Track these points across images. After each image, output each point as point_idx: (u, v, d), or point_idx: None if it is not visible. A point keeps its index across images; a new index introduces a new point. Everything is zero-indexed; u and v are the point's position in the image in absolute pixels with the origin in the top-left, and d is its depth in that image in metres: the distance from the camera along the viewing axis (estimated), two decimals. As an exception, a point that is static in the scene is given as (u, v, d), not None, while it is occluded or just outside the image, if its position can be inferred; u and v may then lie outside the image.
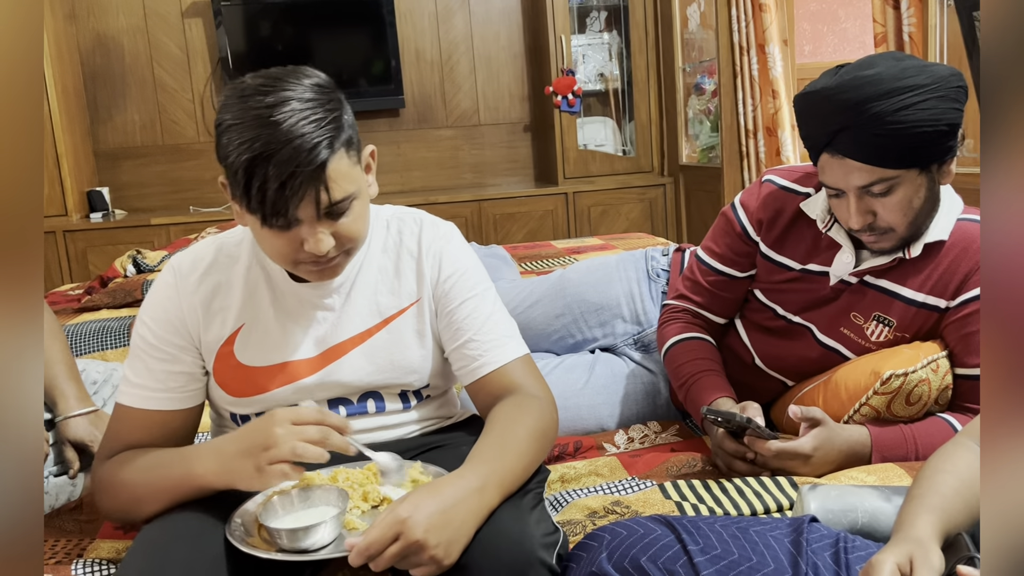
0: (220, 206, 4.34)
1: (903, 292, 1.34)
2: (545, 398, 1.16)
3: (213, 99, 4.35)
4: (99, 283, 2.63)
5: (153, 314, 1.15)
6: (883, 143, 1.20)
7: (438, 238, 1.20)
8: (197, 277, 1.16)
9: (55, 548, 1.25)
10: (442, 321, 1.20)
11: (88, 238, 3.97)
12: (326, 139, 0.98)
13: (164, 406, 1.14)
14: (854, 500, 1.06)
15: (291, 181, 0.96)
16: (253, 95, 0.98)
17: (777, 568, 0.91)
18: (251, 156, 0.96)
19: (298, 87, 1.00)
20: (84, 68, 4.25)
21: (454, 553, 0.92)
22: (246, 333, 1.16)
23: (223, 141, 0.99)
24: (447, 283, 1.19)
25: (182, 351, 1.15)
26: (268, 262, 1.16)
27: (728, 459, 1.32)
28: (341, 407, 1.20)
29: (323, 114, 0.99)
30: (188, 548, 0.97)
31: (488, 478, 0.98)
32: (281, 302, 1.16)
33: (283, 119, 0.96)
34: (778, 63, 3.50)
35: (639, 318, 1.82)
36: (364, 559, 0.90)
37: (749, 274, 1.53)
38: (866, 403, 1.30)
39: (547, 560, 0.96)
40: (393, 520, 0.90)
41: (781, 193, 1.46)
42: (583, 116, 4.47)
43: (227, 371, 1.16)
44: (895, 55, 1.25)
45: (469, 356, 1.17)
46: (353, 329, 1.17)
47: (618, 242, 3.05)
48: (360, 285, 1.18)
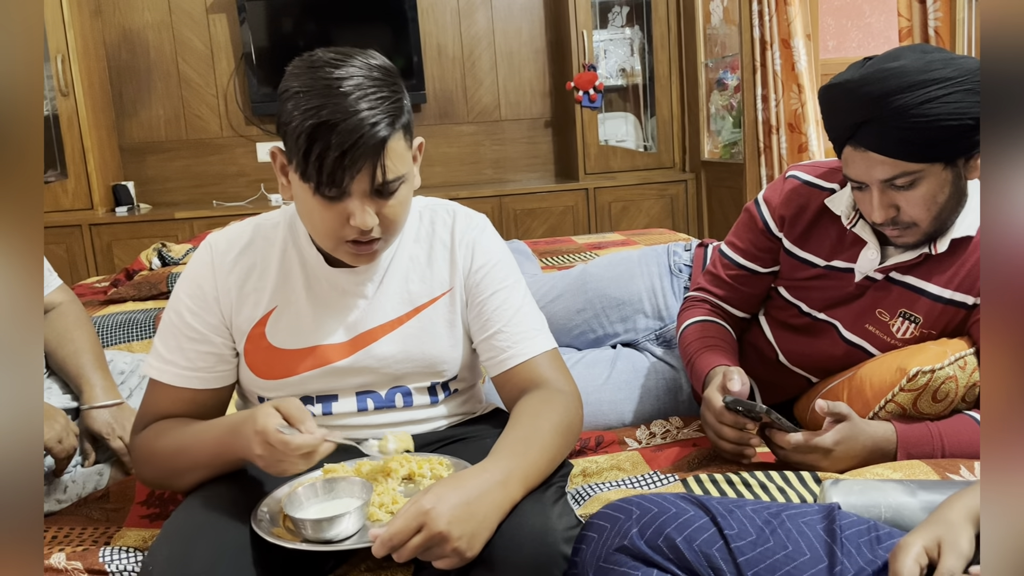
0: (243, 200, 4.38)
1: (929, 288, 1.33)
2: (571, 393, 1.16)
3: (236, 95, 4.38)
4: (125, 276, 2.66)
5: (188, 291, 1.17)
6: (907, 136, 1.19)
7: (471, 228, 1.22)
8: (233, 257, 1.17)
9: (83, 536, 1.27)
10: (472, 311, 1.20)
11: (113, 231, 4.01)
12: (388, 117, 1.01)
13: (193, 385, 1.16)
14: (877, 495, 1.06)
15: (351, 151, 0.99)
16: (323, 66, 1.01)
17: (813, 557, 0.90)
18: (316, 122, 0.98)
19: (366, 65, 1.03)
20: (110, 63, 4.30)
21: (476, 545, 0.92)
22: (278, 315, 1.17)
23: (288, 107, 1.01)
24: (479, 273, 1.20)
25: (214, 331, 1.16)
26: (305, 246, 1.17)
27: (718, 428, 1.30)
28: (369, 400, 1.20)
29: (388, 93, 1.02)
30: (214, 537, 0.98)
31: (512, 472, 0.98)
32: (315, 286, 1.17)
33: (350, 91, 0.99)
34: (803, 57, 3.47)
35: (661, 313, 1.82)
36: (387, 550, 0.91)
37: (771, 270, 1.52)
38: (892, 400, 1.29)
39: (565, 552, 0.96)
40: (416, 511, 0.90)
41: (805, 189, 1.45)
42: (604, 112, 4.45)
43: (258, 353, 1.17)
44: (922, 47, 1.23)
45: (497, 347, 1.18)
46: (384, 316, 1.18)
47: (639, 238, 3.04)
48: (393, 273, 1.19)
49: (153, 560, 0.97)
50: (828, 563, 0.89)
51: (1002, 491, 0.69)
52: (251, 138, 4.44)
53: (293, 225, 1.19)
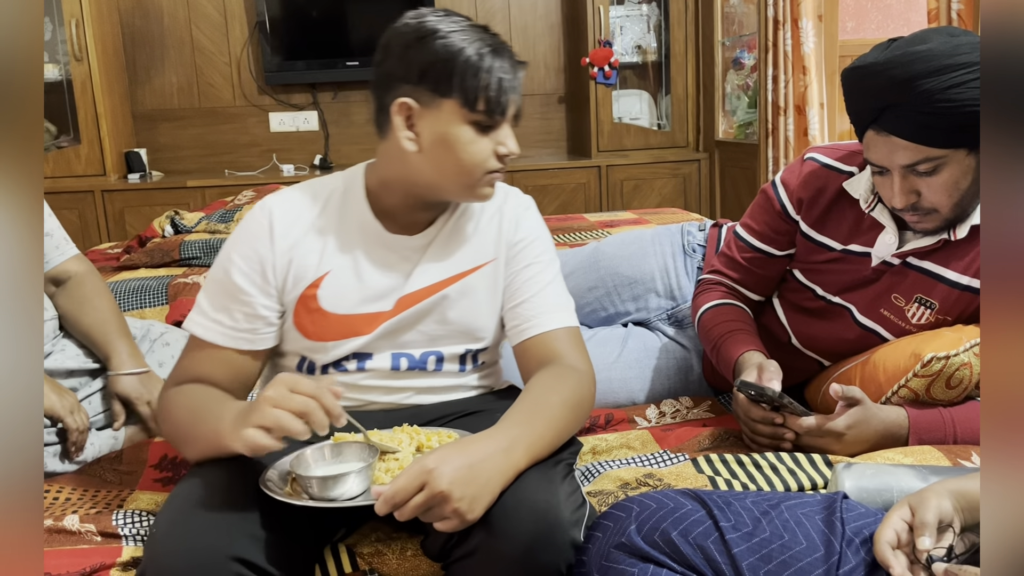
0: (255, 170, 4.37)
1: (947, 274, 1.32)
2: (585, 371, 1.18)
3: (250, 64, 4.36)
4: (138, 242, 2.67)
5: (241, 251, 1.17)
6: (931, 121, 1.17)
7: (519, 205, 1.28)
8: (291, 220, 1.18)
9: (96, 498, 1.29)
10: (506, 280, 1.25)
11: (125, 198, 4.01)
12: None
13: (237, 345, 1.17)
14: (889, 479, 1.06)
15: (513, 78, 1.12)
16: (454, 14, 1.14)
17: (809, 546, 0.91)
18: (491, 48, 1.10)
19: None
20: (124, 30, 4.28)
21: (478, 509, 0.93)
22: (332, 279, 1.18)
23: (448, 40, 1.09)
24: (519, 245, 1.25)
25: (262, 293, 1.17)
26: (363, 210, 1.20)
27: (752, 424, 1.32)
28: (403, 359, 1.22)
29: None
30: (215, 504, 0.99)
31: (517, 440, 1.00)
32: (370, 251, 1.20)
33: (492, 31, 1.14)
34: (810, 38, 3.42)
35: (673, 293, 1.81)
36: (390, 507, 0.92)
37: (787, 253, 1.51)
38: (905, 385, 1.29)
39: (575, 537, 0.97)
40: (419, 470, 0.92)
41: (823, 171, 1.44)
42: (619, 89, 4.42)
43: (307, 315, 1.19)
44: (949, 30, 1.22)
45: (521, 316, 1.22)
46: (430, 279, 1.21)
47: (652, 216, 3.03)
48: (443, 239, 1.23)
49: (157, 524, 0.98)
50: (825, 552, 0.90)
51: (1002, 478, 0.69)
52: (264, 108, 4.42)
53: (351, 189, 1.22)
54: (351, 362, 1.21)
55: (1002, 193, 0.74)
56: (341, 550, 1.11)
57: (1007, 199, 0.74)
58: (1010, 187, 0.74)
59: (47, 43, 3.93)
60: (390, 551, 1.11)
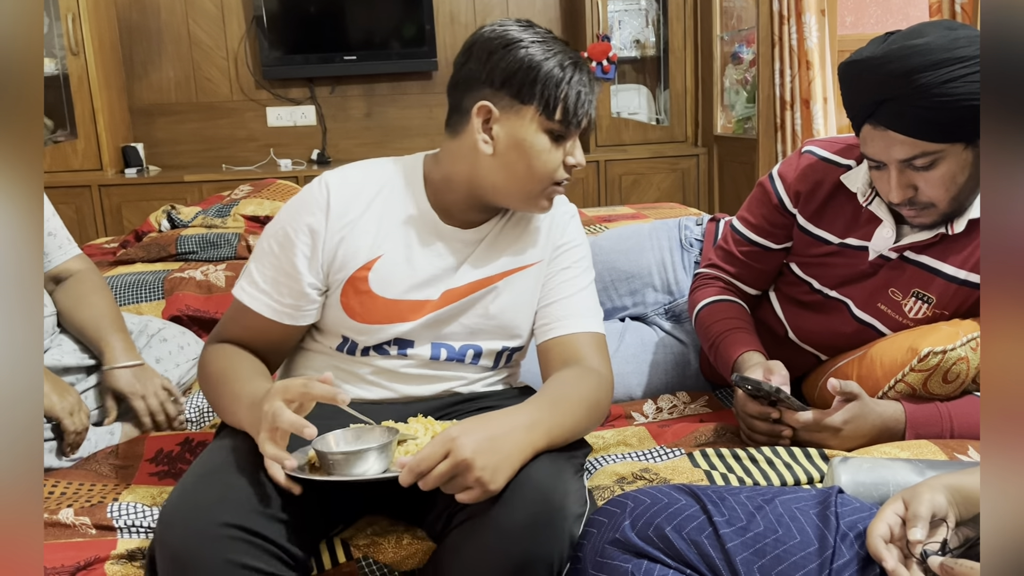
0: (253, 165, 4.36)
1: (944, 269, 1.32)
2: (606, 377, 1.20)
3: (247, 58, 4.35)
4: (134, 237, 2.66)
5: (295, 225, 1.18)
6: (928, 116, 1.17)
7: (567, 213, 1.32)
8: (347, 199, 1.20)
9: (91, 492, 1.29)
10: (543, 280, 1.28)
11: (122, 193, 4.00)
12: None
13: (278, 319, 1.19)
14: (885, 473, 1.06)
15: (591, 93, 1.17)
16: (533, 26, 1.18)
17: (803, 541, 0.91)
18: (572, 62, 1.15)
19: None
20: (120, 24, 4.26)
21: (500, 479, 0.95)
22: (384, 263, 1.20)
23: (531, 50, 1.14)
24: (561, 248, 1.29)
25: (310, 270, 1.18)
26: (420, 199, 1.22)
27: (750, 421, 1.32)
28: (443, 349, 1.25)
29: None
30: (230, 479, 1.01)
31: (538, 421, 1.02)
32: (424, 240, 1.22)
33: (570, 47, 1.18)
34: (814, 33, 3.42)
35: (670, 287, 1.81)
36: (414, 477, 0.94)
37: (784, 246, 1.51)
38: (902, 380, 1.29)
39: (575, 531, 0.98)
40: (444, 439, 0.94)
41: (821, 165, 1.44)
42: (617, 83, 4.41)
43: (356, 296, 1.20)
44: (947, 24, 1.21)
45: (550, 315, 1.25)
46: (478, 275, 1.24)
47: (650, 211, 3.02)
48: (495, 237, 1.25)
49: (169, 499, 1.00)
50: (819, 546, 0.90)
51: (1003, 471, 0.69)
52: (261, 102, 4.41)
53: (410, 177, 1.24)
54: (392, 347, 1.23)
55: (1002, 186, 0.74)
56: (336, 543, 1.11)
57: (1007, 192, 0.73)
58: (1010, 180, 0.73)
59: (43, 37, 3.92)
60: (386, 541, 1.11)
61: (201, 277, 2.12)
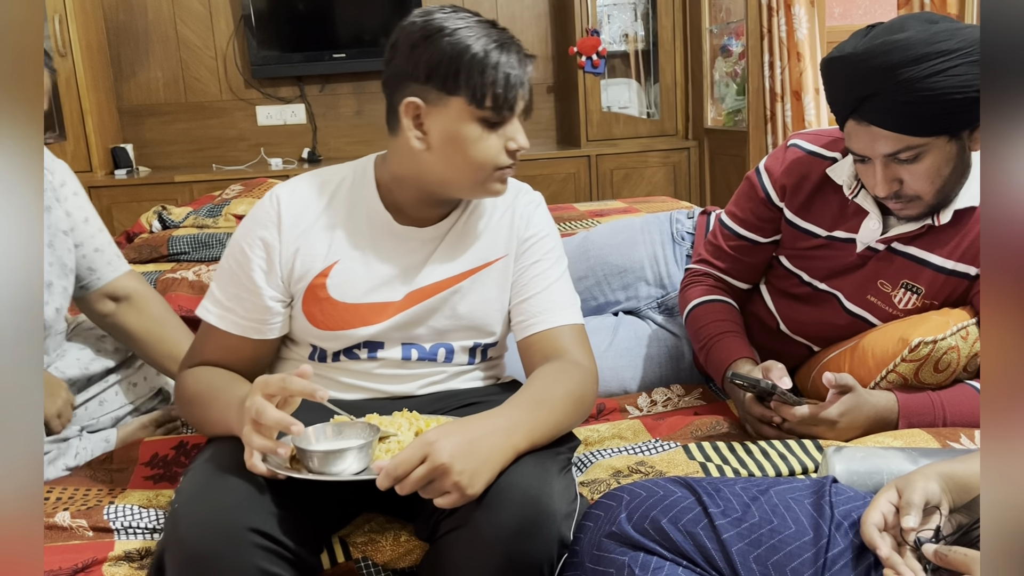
0: (243, 164, 4.35)
1: (932, 259, 1.33)
2: (589, 368, 1.19)
3: (236, 57, 4.33)
4: (125, 238, 2.66)
5: (249, 240, 1.18)
6: (911, 111, 1.17)
7: (531, 203, 1.29)
8: (298, 209, 1.19)
9: (87, 496, 1.29)
10: (514, 276, 1.25)
11: (112, 194, 3.99)
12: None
13: (245, 334, 1.19)
14: (879, 462, 1.07)
15: (522, 73, 1.12)
16: (462, 10, 1.13)
17: (798, 530, 0.92)
18: (497, 44, 1.10)
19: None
20: (108, 24, 4.25)
21: (478, 484, 0.94)
22: (340, 269, 1.19)
23: (454, 38, 1.09)
24: (529, 242, 1.26)
25: (270, 284, 1.18)
26: (373, 201, 1.20)
27: (756, 424, 1.33)
28: (414, 350, 1.24)
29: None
30: (235, 479, 1.01)
31: (518, 423, 1.01)
32: (380, 242, 1.21)
33: (499, 26, 1.13)
34: (803, 24, 3.43)
35: (663, 281, 1.82)
36: (391, 481, 0.93)
37: (772, 240, 1.52)
38: (893, 370, 1.30)
39: (564, 532, 0.97)
40: (421, 443, 0.93)
41: (807, 158, 1.44)
42: (607, 78, 4.41)
43: (316, 304, 1.20)
44: (927, 16, 1.21)
45: (527, 311, 1.23)
46: (441, 274, 1.22)
47: (641, 205, 3.03)
48: (455, 234, 1.24)
49: (180, 498, 1.00)
50: (813, 536, 0.91)
51: (1002, 458, 0.70)
52: (251, 101, 4.40)
53: (361, 181, 1.22)
54: (362, 351, 1.22)
55: (1001, 173, 0.74)
56: (335, 541, 1.12)
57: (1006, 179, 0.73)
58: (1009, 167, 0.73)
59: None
60: (383, 539, 1.11)
61: (194, 278, 2.12)
